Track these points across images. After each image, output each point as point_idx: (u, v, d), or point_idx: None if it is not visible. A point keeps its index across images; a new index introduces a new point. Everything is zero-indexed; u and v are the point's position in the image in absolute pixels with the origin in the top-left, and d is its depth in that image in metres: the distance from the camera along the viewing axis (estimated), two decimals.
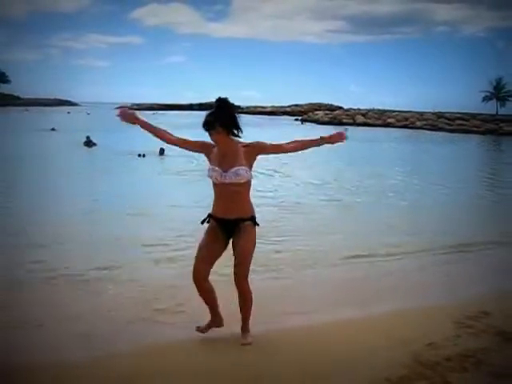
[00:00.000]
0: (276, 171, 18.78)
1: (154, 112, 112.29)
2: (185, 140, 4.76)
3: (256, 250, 4.72)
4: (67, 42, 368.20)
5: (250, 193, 4.73)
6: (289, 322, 5.42)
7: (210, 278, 4.68)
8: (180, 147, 4.79)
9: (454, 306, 5.85)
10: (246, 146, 4.59)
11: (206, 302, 4.77)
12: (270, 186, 15.44)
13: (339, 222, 11.21)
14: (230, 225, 4.64)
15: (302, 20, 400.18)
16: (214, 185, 4.65)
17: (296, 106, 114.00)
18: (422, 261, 8.16)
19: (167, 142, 4.79)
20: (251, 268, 4.67)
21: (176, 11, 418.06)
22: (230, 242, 4.74)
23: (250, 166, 4.61)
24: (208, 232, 4.74)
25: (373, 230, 10.21)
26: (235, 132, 4.55)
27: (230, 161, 4.52)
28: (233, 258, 4.66)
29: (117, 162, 20.91)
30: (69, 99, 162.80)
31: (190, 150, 4.86)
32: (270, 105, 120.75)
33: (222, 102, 4.51)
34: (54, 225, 9.82)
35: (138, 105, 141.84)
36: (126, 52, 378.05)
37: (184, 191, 14.76)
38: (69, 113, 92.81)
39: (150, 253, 8.09)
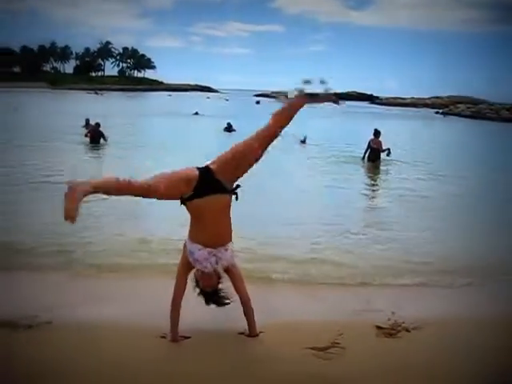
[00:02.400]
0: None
1: None
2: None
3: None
4: (209, 30, 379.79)
5: None
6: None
7: None
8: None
9: None
10: None
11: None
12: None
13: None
14: None
15: (441, 9, 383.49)
16: None
17: (436, 98, 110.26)
18: None
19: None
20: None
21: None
22: None
23: None
24: None
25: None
26: None
27: None
28: None
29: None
30: (209, 85, 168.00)
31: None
32: (409, 96, 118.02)
33: None
34: None
35: (276, 93, 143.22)
36: (267, 40, 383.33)
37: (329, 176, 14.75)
38: (208, 98, 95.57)
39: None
